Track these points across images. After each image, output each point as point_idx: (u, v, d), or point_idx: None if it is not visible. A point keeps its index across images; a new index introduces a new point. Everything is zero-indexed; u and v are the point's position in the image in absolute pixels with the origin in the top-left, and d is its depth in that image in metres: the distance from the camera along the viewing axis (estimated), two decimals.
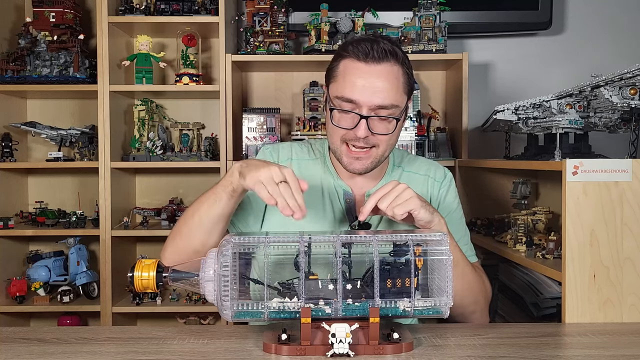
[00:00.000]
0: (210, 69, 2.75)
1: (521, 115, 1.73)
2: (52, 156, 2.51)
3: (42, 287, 2.50)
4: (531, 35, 2.74)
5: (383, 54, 1.25)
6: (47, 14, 2.47)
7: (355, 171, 1.32)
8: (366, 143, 1.28)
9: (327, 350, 0.98)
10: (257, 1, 2.47)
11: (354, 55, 1.27)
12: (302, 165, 1.42)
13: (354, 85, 1.25)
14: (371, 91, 1.25)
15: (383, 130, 1.28)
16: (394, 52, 1.27)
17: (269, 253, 1.04)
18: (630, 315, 1.26)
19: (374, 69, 1.25)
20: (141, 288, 1.04)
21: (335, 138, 1.31)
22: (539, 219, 1.86)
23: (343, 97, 1.27)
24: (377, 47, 1.25)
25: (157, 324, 2.67)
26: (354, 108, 1.26)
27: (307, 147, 1.47)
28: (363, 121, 1.25)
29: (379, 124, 1.27)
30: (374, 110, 1.26)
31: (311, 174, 1.40)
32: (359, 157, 1.30)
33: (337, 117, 1.29)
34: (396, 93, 1.27)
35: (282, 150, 1.44)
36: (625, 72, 1.37)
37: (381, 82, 1.25)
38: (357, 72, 1.26)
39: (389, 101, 1.26)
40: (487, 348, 1.06)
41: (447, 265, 1.04)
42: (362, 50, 1.26)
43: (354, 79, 1.26)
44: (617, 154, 1.45)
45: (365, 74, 1.25)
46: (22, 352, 1.04)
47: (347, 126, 1.28)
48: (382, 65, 1.26)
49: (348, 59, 1.28)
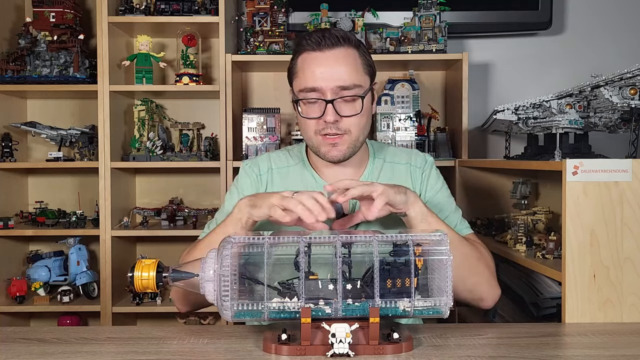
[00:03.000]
0: (210, 69, 2.75)
1: (521, 115, 1.73)
2: (52, 156, 2.51)
3: (42, 287, 2.50)
4: (531, 35, 2.74)
5: (335, 39, 1.31)
6: (47, 14, 2.47)
7: (334, 159, 1.34)
8: (338, 129, 1.31)
9: (327, 350, 0.98)
10: (257, 1, 2.47)
11: (308, 47, 1.32)
12: (282, 173, 1.45)
13: (314, 73, 1.30)
14: (330, 75, 1.29)
15: (351, 111, 1.31)
16: (346, 37, 1.32)
17: (268, 253, 1.04)
18: (630, 315, 1.26)
19: (330, 54, 1.30)
20: (141, 288, 1.04)
21: (309, 133, 1.35)
22: (539, 219, 1.86)
23: (306, 88, 1.31)
24: (329, 34, 1.31)
25: (157, 324, 2.67)
26: (319, 96, 1.30)
27: (284, 153, 1.50)
28: (329, 106, 1.29)
29: (345, 107, 1.31)
30: (337, 92, 1.29)
31: (292, 179, 1.43)
32: (335, 143, 1.33)
33: (305, 109, 1.34)
34: (356, 73, 1.31)
35: (261, 162, 1.47)
36: (625, 72, 1.38)
37: (339, 65, 1.30)
38: (314, 62, 1.30)
39: (350, 81, 1.30)
40: (487, 348, 1.06)
41: (447, 265, 1.04)
42: (314, 40, 1.31)
43: (313, 68, 1.30)
44: (617, 154, 1.45)
45: (322, 60, 1.30)
46: (22, 352, 1.04)
47: (315, 115, 1.31)
48: (336, 49, 1.30)
49: (304, 53, 1.33)
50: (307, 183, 1.42)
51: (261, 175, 1.45)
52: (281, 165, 1.46)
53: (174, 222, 2.53)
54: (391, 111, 2.50)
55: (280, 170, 1.45)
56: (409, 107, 2.51)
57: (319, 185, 1.40)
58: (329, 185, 1.23)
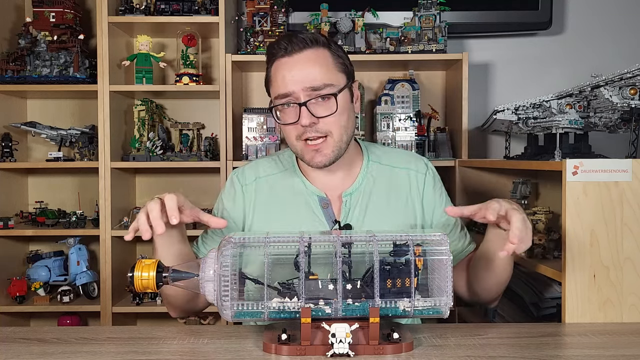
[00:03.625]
0: (210, 69, 2.75)
1: (521, 115, 1.73)
2: (52, 156, 2.51)
3: (42, 287, 2.50)
4: (531, 35, 2.74)
5: (302, 42, 1.29)
6: (47, 14, 2.47)
7: (319, 165, 1.32)
8: (317, 131, 1.29)
9: (327, 350, 0.98)
10: (257, 1, 2.47)
11: (278, 54, 1.31)
12: (270, 181, 1.42)
13: (285, 78, 1.29)
14: (300, 78, 1.27)
15: (326, 111, 1.28)
16: (315, 39, 1.31)
17: (269, 253, 1.04)
18: (630, 315, 1.26)
19: (298, 57, 1.29)
20: (141, 288, 1.04)
21: (291, 139, 1.33)
22: (539, 219, 1.85)
23: (279, 94, 1.30)
24: (296, 39, 1.30)
25: (157, 324, 2.67)
26: (292, 100, 1.28)
27: (274, 160, 1.47)
28: (303, 108, 1.27)
29: (319, 108, 1.28)
30: (309, 94, 1.27)
31: (283, 186, 1.40)
32: (318, 149, 1.30)
33: (282, 115, 1.32)
34: (327, 72, 1.29)
35: (249, 171, 1.44)
36: (625, 72, 1.37)
37: (308, 67, 1.28)
38: (284, 67, 1.29)
39: (321, 81, 1.28)
40: (487, 348, 1.06)
41: (447, 265, 1.04)
42: (282, 46, 1.30)
43: (283, 73, 1.29)
44: (617, 154, 1.45)
45: (292, 65, 1.29)
46: (22, 352, 1.04)
47: (292, 120, 1.29)
48: (304, 52, 1.29)
49: (275, 61, 1.32)
50: (297, 189, 1.39)
51: (246, 185, 1.41)
52: (270, 173, 1.43)
53: None
54: (391, 111, 2.50)
55: (269, 178, 1.42)
56: (409, 107, 2.51)
57: (310, 191, 1.38)
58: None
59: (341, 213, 1.36)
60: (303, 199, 1.37)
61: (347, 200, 1.37)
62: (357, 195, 1.37)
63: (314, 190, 1.38)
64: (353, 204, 1.36)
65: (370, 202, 1.37)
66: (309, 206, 1.36)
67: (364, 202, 1.37)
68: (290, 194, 1.38)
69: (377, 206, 1.37)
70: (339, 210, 1.36)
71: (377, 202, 1.37)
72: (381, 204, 1.37)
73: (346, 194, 1.37)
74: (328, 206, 1.36)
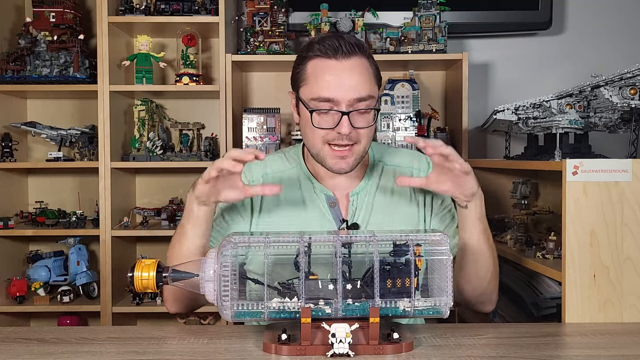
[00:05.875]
0: (210, 69, 2.75)
1: (521, 115, 1.73)
2: (52, 156, 2.51)
3: (42, 287, 2.50)
4: (531, 35, 2.74)
5: (351, 48, 1.26)
6: (47, 14, 2.47)
7: (341, 171, 1.30)
8: (349, 140, 1.27)
9: (327, 350, 0.98)
10: (257, 1, 2.47)
11: (322, 54, 1.26)
12: (276, 178, 1.40)
13: (329, 83, 1.25)
14: (347, 86, 1.24)
15: (364, 123, 1.27)
16: (360, 45, 1.28)
17: (268, 253, 1.04)
18: (630, 315, 1.26)
19: (345, 64, 1.25)
20: (141, 288, 1.04)
21: (316, 141, 1.29)
22: (539, 219, 1.86)
23: (320, 97, 1.25)
24: (344, 42, 1.26)
25: (157, 324, 2.67)
26: (333, 106, 1.25)
27: (280, 156, 1.44)
28: (345, 118, 1.24)
29: (359, 118, 1.27)
30: (353, 104, 1.25)
31: (290, 183, 1.38)
32: (344, 156, 1.28)
33: (317, 118, 1.28)
34: (370, 84, 1.28)
35: (255, 167, 1.41)
36: (625, 72, 1.38)
37: (355, 76, 1.25)
38: (329, 70, 1.25)
39: (365, 93, 1.26)
40: (487, 348, 1.06)
41: (447, 265, 1.04)
42: (330, 47, 1.26)
43: (327, 77, 1.25)
44: (617, 154, 1.45)
45: (338, 70, 1.25)
46: (22, 352, 1.04)
47: (328, 126, 1.26)
48: (352, 59, 1.26)
49: (316, 59, 1.27)
50: (305, 187, 1.38)
51: (254, 182, 1.39)
52: (277, 170, 1.41)
53: (174, 222, 2.52)
54: (391, 111, 2.50)
55: (276, 174, 1.40)
56: (409, 107, 2.51)
57: (317, 189, 1.37)
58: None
59: (348, 212, 1.36)
60: (310, 197, 1.37)
61: (354, 200, 1.36)
62: (363, 195, 1.37)
63: (322, 189, 1.37)
64: (360, 203, 1.36)
65: (375, 202, 1.37)
66: (316, 205, 1.36)
67: (370, 201, 1.37)
68: (298, 191, 1.37)
69: (383, 205, 1.37)
70: (346, 210, 1.36)
71: (382, 201, 1.37)
72: (386, 203, 1.37)
73: (353, 193, 1.37)
74: (336, 205, 1.36)
